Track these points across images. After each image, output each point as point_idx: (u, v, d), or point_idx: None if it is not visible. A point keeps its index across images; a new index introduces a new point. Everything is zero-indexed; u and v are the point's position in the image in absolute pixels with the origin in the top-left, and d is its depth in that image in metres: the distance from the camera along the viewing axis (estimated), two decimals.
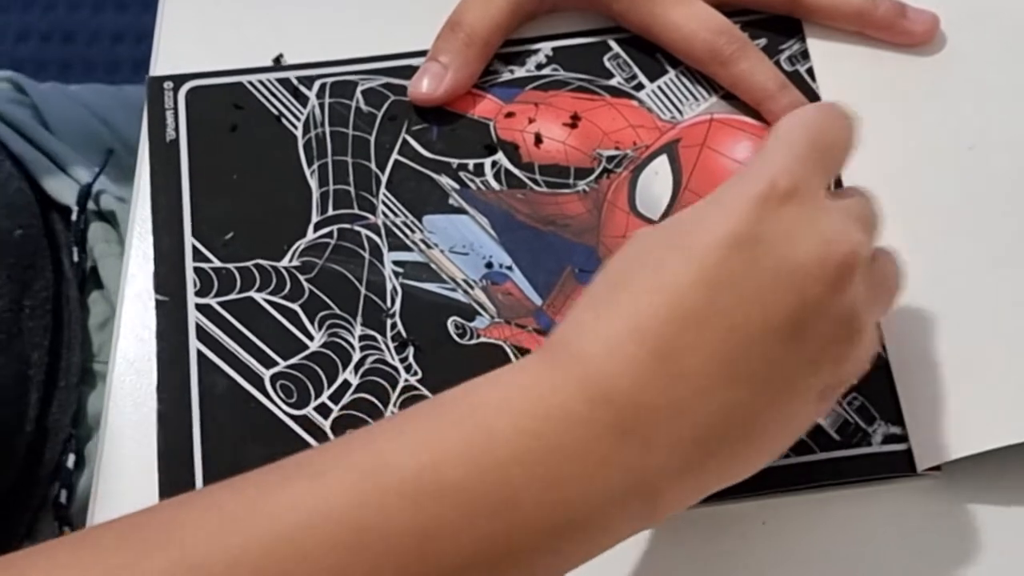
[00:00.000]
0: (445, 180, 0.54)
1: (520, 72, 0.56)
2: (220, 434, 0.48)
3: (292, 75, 0.56)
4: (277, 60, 0.57)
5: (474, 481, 0.35)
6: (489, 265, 0.52)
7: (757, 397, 0.38)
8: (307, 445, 0.48)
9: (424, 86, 0.55)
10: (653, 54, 0.56)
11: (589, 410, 0.37)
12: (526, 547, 0.36)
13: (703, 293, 0.37)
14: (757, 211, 0.38)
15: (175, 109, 0.55)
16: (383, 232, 0.52)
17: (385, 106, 0.55)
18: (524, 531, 0.36)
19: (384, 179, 0.54)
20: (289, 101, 0.55)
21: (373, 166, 0.54)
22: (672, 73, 0.56)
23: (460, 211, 0.53)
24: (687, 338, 0.37)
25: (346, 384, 0.49)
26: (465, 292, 0.51)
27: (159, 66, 0.57)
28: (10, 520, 0.54)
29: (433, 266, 0.52)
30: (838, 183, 0.52)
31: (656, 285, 0.38)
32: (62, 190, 0.62)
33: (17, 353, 0.54)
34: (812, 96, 0.55)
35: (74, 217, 0.61)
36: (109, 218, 0.62)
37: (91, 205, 0.62)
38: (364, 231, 0.52)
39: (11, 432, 0.54)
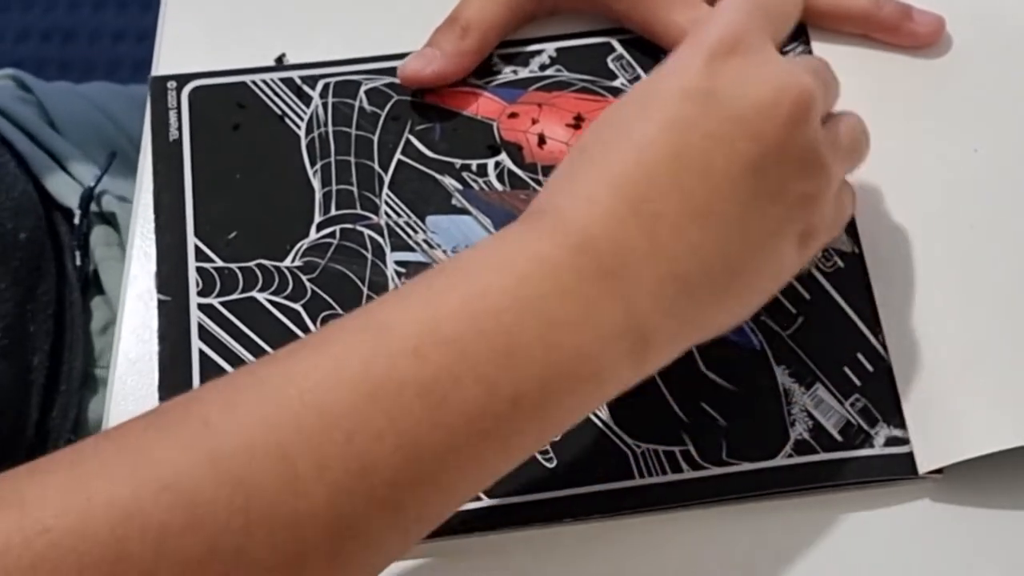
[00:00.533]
0: (448, 180, 0.54)
1: (524, 73, 0.56)
2: None
3: (295, 75, 0.56)
4: (279, 60, 0.57)
5: (472, 332, 0.37)
6: None
7: (731, 235, 0.40)
8: None
9: (413, 64, 0.55)
10: (656, 55, 0.56)
11: (572, 257, 0.39)
12: (527, 396, 0.37)
13: (668, 141, 0.40)
14: (707, 65, 0.41)
15: (178, 109, 0.55)
16: (386, 232, 0.52)
17: (388, 106, 0.55)
18: (523, 378, 0.37)
19: (387, 179, 0.54)
20: (292, 101, 0.55)
21: (376, 166, 0.54)
22: None
23: (463, 211, 0.53)
24: (658, 184, 0.40)
25: None
26: None
27: (161, 66, 0.57)
28: None
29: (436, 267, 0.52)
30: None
31: (624, 143, 0.41)
32: (65, 191, 0.62)
33: (19, 357, 0.54)
34: None
35: (76, 220, 0.61)
36: (110, 219, 0.61)
37: (93, 207, 0.62)
38: (367, 231, 0.52)
39: (11, 437, 0.53)
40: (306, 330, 0.50)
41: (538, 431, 0.39)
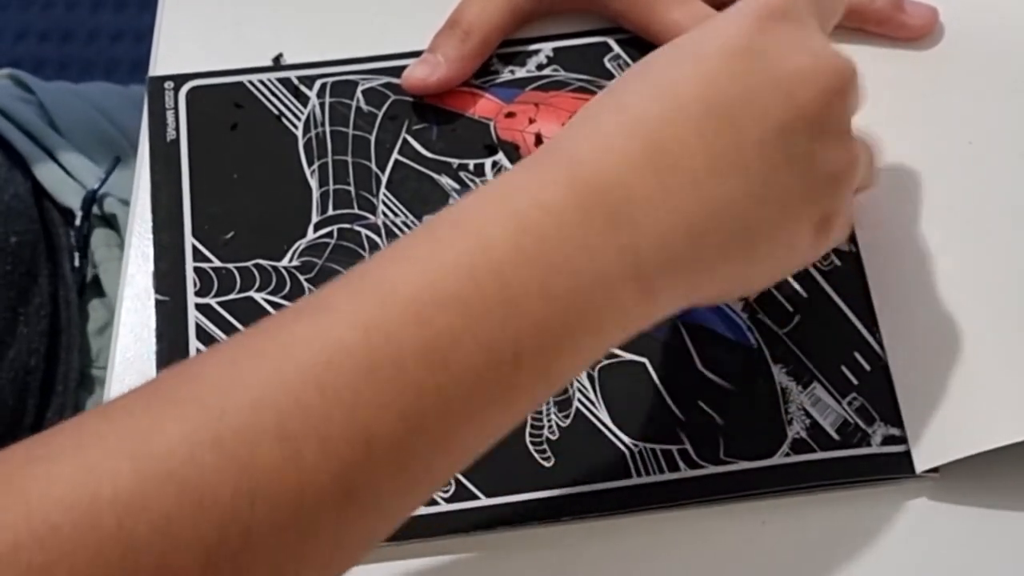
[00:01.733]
0: (445, 180, 0.54)
1: (521, 72, 0.56)
2: None
3: (293, 75, 0.56)
4: (276, 59, 0.57)
5: (471, 288, 0.36)
6: None
7: (750, 197, 0.40)
8: None
9: (418, 73, 0.55)
10: None
11: (579, 201, 0.38)
12: (528, 351, 0.37)
13: (700, 94, 0.39)
14: (755, 26, 0.40)
15: (176, 109, 0.55)
16: (383, 232, 0.52)
17: (385, 106, 0.55)
18: (524, 333, 0.37)
19: (384, 179, 0.54)
20: (290, 101, 0.55)
21: (373, 166, 0.54)
22: None
23: None
24: (680, 134, 0.39)
25: None
26: None
27: (159, 66, 0.57)
28: None
29: None
30: None
31: (652, 90, 0.40)
32: (65, 191, 0.62)
33: (12, 359, 0.53)
34: None
35: (78, 223, 0.60)
36: (111, 221, 0.61)
37: (95, 210, 0.61)
38: (364, 231, 0.52)
39: (5, 438, 0.53)
40: None
41: (541, 386, 0.39)
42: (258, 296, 0.51)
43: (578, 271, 0.37)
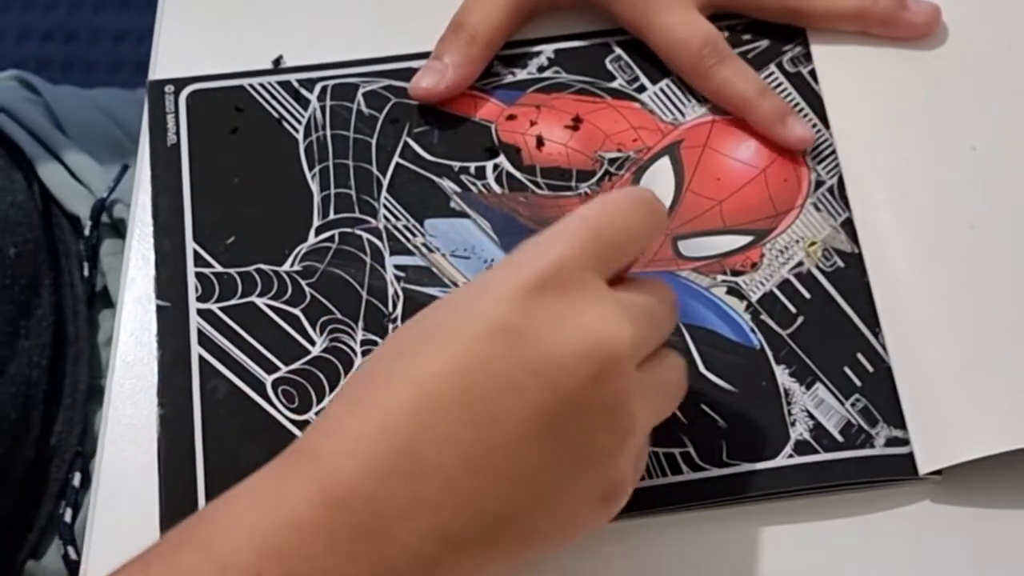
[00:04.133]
0: (446, 183, 0.54)
1: (522, 74, 0.56)
2: (221, 439, 0.48)
3: (293, 78, 0.56)
4: (276, 62, 0.57)
5: None
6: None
7: (513, 492, 0.37)
8: None
9: (426, 82, 0.55)
10: (655, 56, 0.56)
11: (324, 514, 0.36)
12: None
13: (453, 385, 0.36)
14: (520, 301, 0.37)
15: (176, 113, 0.55)
16: (384, 236, 0.52)
17: (386, 109, 0.55)
18: None
19: (385, 182, 0.54)
20: (290, 104, 0.55)
21: (374, 169, 0.54)
22: (674, 75, 0.56)
23: (462, 215, 0.53)
24: (433, 432, 0.36)
25: None
26: None
27: (158, 69, 0.57)
28: (15, 540, 0.54)
29: (435, 270, 0.51)
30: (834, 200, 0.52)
31: (407, 376, 0.37)
32: (72, 197, 0.61)
33: (14, 373, 0.53)
34: (814, 98, 0.55)
35: (87, 232, 0.60)
36: (119, 228, 0.61)
37: (103, 218, 0.61)
38: (365, 235, 0.52)
39: (8, 454, 0.53)
40: (305, 334, 0.50)
41: None
42: (259, 301, 0.51)
43: None
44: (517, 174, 0.54)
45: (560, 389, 0.37)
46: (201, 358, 0.49)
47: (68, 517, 0.54)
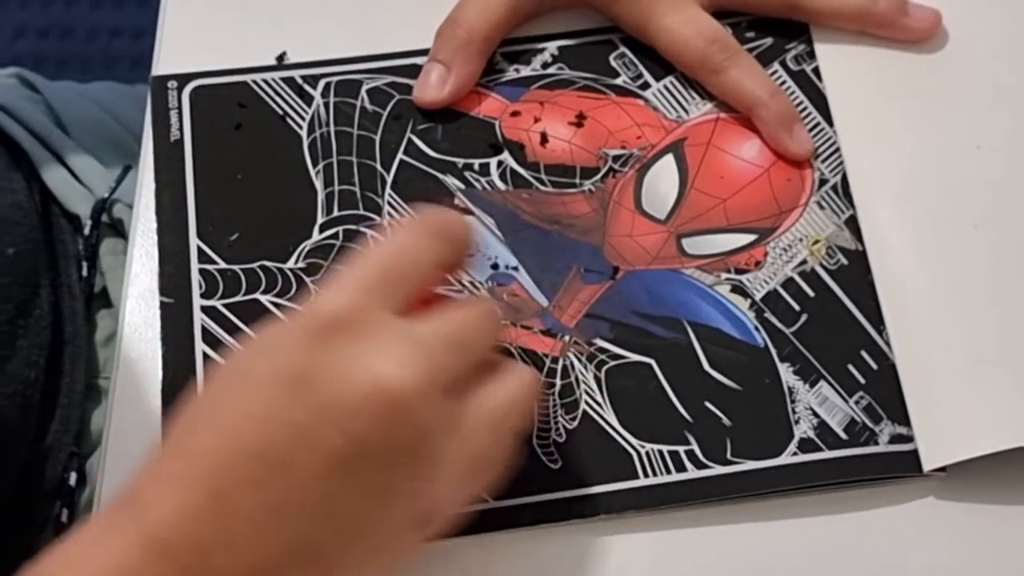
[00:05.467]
0: (450, 180, 0.54)
1: (526, 71, 0.56)
2: None
3: (297, 74, 0.56)
4: (280, 58, 0.57)
5: None
6: (495, 266, 0.52)
7: (318, 531, 0.38)
8: None
9: (429, 91, 0.55)
10: (658, 54, 0.56)
11: (148, 560, 0.37)
12: None
13: (251, 432, 0.38)
14: (306, 346, 0.38)
15: (179, 108, 0.55)
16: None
17: (390, 105, 0.55)
18: None
19: (389, 179, 0.54)
20: (294, 100, 0.55)
21: (378, 166, 0.54)
22: (678, 72, 0.56)
23: (466, 211, 0.53)
24: (241, 475, 0.37)
25: None
26: (471, 294, 0.51)
27: (161, 65, 0.57)
28: (10, 539, 0.54)
29: None
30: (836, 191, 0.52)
31: (215, 424, 0.39)
32: (73, 197, 0.61)
33: (11, 373, 0.52)
34: (818, 96, 0.55)
35: (87, 231, 0.59)
36: (119, 227, 0.61)
37: (104, 218, 0.61)
38: (369, 232, 0.52)
39: (4, 453, 0.52)
40: None
41: None
42: (263, 298, 0.51)
43: None
44: (521, 171, 0.54)
45: (349, 434, 0.38)
46: (205, 355, 0.49)
47: (64, 517, 0.53)
